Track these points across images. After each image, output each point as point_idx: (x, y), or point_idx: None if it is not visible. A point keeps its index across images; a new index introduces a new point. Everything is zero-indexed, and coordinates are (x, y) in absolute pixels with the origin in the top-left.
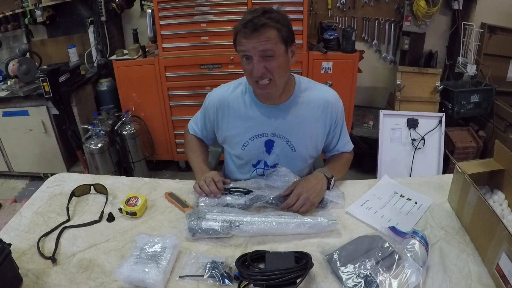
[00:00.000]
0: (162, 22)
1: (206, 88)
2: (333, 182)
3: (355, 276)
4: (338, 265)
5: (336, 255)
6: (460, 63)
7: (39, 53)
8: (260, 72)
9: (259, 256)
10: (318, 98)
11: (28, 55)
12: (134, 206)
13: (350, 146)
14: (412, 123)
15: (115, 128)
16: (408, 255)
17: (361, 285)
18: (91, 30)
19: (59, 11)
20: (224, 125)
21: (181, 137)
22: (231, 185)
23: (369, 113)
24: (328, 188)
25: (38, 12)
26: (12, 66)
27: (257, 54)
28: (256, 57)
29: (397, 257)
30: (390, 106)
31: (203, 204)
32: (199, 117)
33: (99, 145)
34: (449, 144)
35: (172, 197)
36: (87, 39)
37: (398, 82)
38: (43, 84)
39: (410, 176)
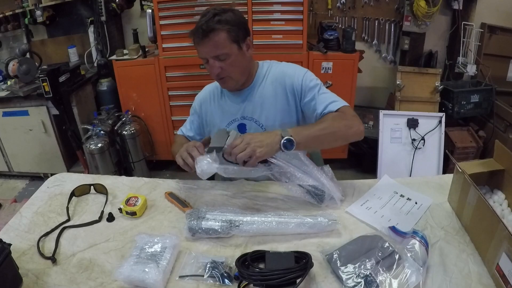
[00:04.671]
0: (162, 22)
1: None
2: (287, 141)
3: (355, 276)
4: (338, 265)
5: (336, 255)
6: (460, 63)
7: (39, 53)
8: (216, 73)
9: (259, 256)
10: (276, 73)
11: (28, 55)
12: (134, 206)
13: (335, 106)
14: (412, 123)
15: (115, 128)
16: (408, 255)
17: (361, 285)
18: (91, 30)
19: (59, 11)
20: (208, 118)
21: None
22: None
23: (369, 113)
24: (280, 148)
25: (38, 12)
26: (12, 66)
27: (210, 57)
28: (211, 60)
29: (397, 257)
30: (390, 106)
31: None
32: (188, 120)
33: (99, 145)
34: (449, 144)
35: (172, 197)
36: (87, 39)
37: (398, 82)
38: (43, 84)
39: (410, 176)
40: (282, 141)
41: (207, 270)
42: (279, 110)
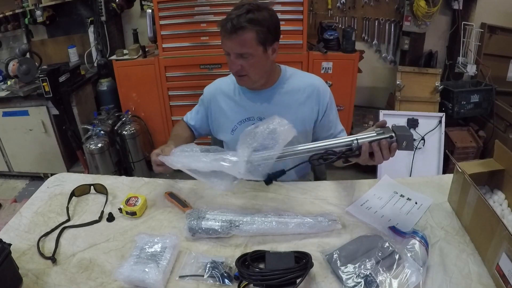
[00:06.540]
0: (162, 22)
1: None
2: None
3: (355, 276)
4: (338, 265)
5: (336, 255)
6: (460, 63)
7: (39, 53)
8: (235, 69)
9: (259, 256)
10: (303, 83)
11: (28, 55)
12: (134, 206)
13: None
14: (412, 123)
15: (115, 128)
16: (408, 255)
17: (361, 285)
18: (91, 30)
19: (59, 11)
20: (217, 110)
21: None
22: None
23: (369, 113)
24: None
25: (38, 12)
26: (12, 66)
27: (233, 53)
28: (232, 56)
29: (397, 257)
30: (390, 106)
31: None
32: (194, 108)
33: (99, 145)
34: (449, 144)
35: (172, 197)
36: (87, 39)
37: (398, 82)
38: (43, 84)
39: (410, 176)
40: None
41: (207, 270)
42: (299, 119)
